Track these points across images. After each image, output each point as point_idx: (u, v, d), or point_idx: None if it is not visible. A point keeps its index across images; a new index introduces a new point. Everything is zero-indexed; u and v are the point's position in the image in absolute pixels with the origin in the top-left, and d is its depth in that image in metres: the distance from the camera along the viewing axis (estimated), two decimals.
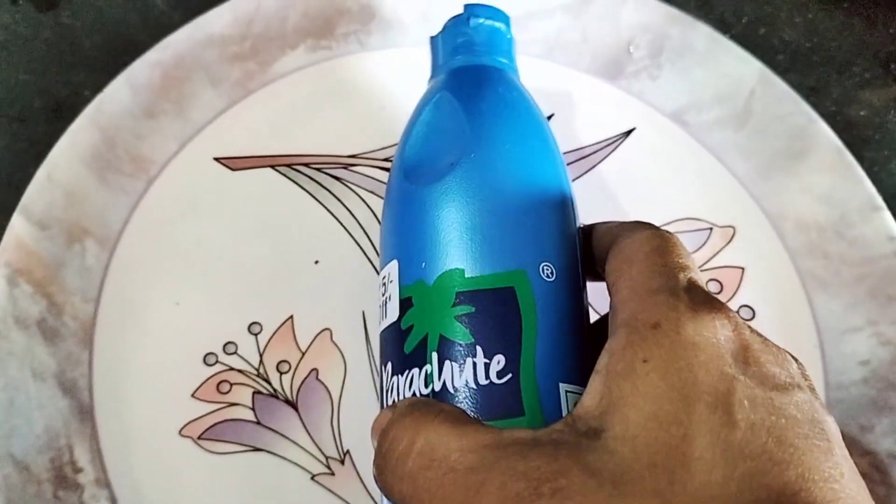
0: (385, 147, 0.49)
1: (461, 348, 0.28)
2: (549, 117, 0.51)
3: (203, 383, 0.42)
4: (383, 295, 0.31)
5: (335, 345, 0.44)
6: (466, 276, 0.29)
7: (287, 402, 0.42)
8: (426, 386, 0.28)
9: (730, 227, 0.49)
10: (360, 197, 0.47)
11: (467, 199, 0.30)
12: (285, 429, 0.42)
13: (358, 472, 0.41)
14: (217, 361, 0.43)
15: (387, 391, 0.30)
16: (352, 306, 0.45)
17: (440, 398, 0.27)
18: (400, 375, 0.29)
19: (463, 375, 0.27)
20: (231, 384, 0.42)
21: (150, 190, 0.47)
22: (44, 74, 0.52)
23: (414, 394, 0.28)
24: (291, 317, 0.44)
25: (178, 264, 0.45)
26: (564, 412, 0.27)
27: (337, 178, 0.48)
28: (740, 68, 0.51)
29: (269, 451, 0.41)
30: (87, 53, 0.52)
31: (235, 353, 0.43)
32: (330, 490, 0.41)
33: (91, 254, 0.44)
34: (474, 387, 0.27)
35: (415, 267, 0.30)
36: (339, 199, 0.47)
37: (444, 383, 0.27)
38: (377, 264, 0.46)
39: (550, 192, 0.31)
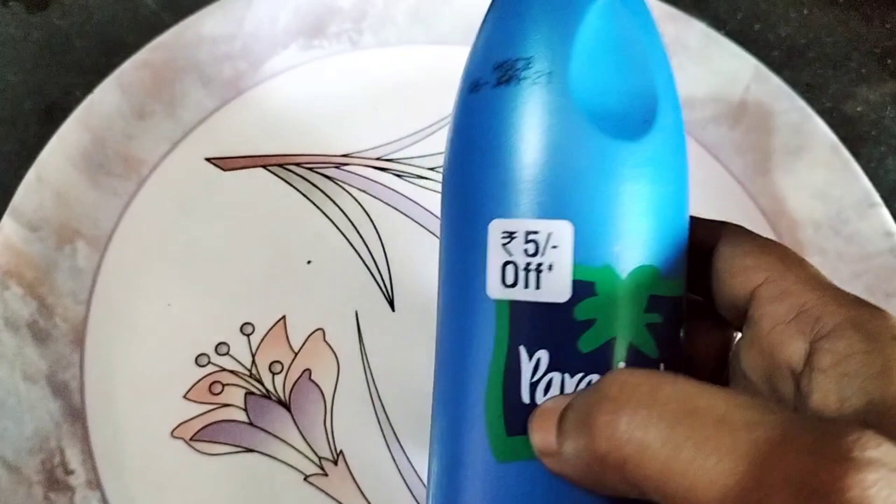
0: (377, 146, 0.49)
1: (648, 362, 0.24)
2: None
3: (195, 384, 0.42)
4: (528, 255, 0.24)
5: (328, 345, 0.43)
6: (660, 277, 0.24)
7: (280, 402, 0.42)
8: None
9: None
10: (352, 196, 0.47)
11: (673, 178, 0.25)
12: (278, 429, 0.41)
13: (351, 473, 0.41)
14: (209, 362, 0.43)
15: (533, 384, 0.24)
16: (344, 306, 0.44)
17: None
18: (567, 374, 0.23)
19: None
20: (223, 385, 0.42)
21: (141, 191, 0.46)
22: (34, 76, 0.51)
23: None
24: (284, 317, 0.44)
25: (169, 265, 0.45)
26: None
27: (329, 178, 0.48)
28: (735, 65, 0.51)
29: (261, 452, 0.41)
30: (77, 55, 0.52)
31: (227, 353, 0.43)
32: (323, 491, 0.40)
33: (82, 255, 0.44)
34: None
35: (603, 246, 0.23)
36: (331, 199, 0.47)
37: None
38: (370, 264, 0.45)
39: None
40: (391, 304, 0.45)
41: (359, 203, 0.47)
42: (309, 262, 0.45)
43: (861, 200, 0.47)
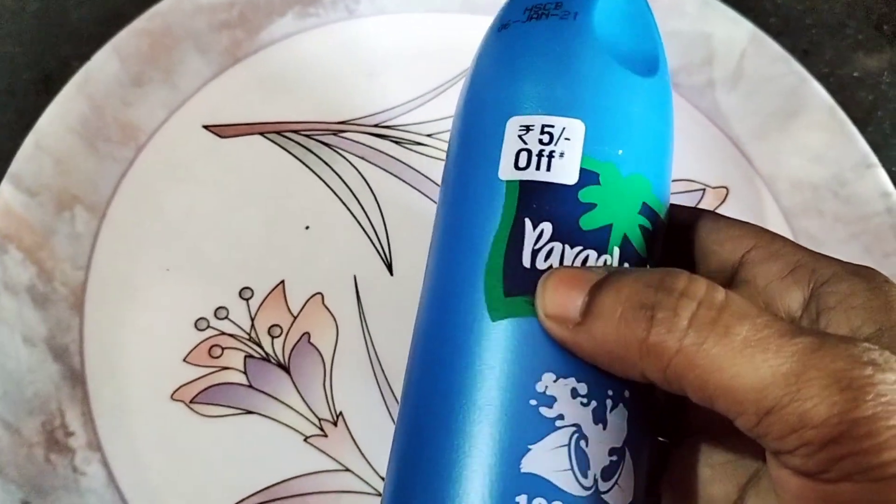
0: (375, 113, 0.49)
1: (638, 259, 0.26)
2: None
3: (194, 348, 0.42)
4: (542, 143, 0.26)
5: (327, 309, 0.44)
6: (652, 192, 0.27)
7: (279, 365, 0.42)
8: None
9: (723, 187, 0.48)
10: (350, 163, 0.47)
11: (665, 124, 0.28)
12: (277, 392, 0.41)
13: (351, 434, 0.41)
14: (208, 326, 0.43)
15: (535, 251, 0.25)
16: (343, 271, 0.44)
17: None
18: (567, 245, 0.25)
19: None
20: (223, 348, 0.42)
21: (140, 157, 0.46)
22: (32, 47, 0.51)
23: None
24: (283, 282, 0.44)
25: (168, 231, 0.45)
26: None
27: (327, 145, 0.48)
28: (731, 29, 0.51)
29: (261, 414, 0.41)
30: (75, 25, 0.52)
31: (227, 317, 0.43)
32: (323, 451, 0.40)
33: (81, 221, 0.44)
34: None
35: (608, 146, 0.26)
36: (329, 166, 0.47)
37: None
38: (368, 229, 0.46)
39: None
40: (389, 268, 0.45)
41: (357, 169, 0.47)
42: (307, 227, 0.45)
43: (859, 162, 0.47)
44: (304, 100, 0.49)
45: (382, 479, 0.40)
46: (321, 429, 0.41)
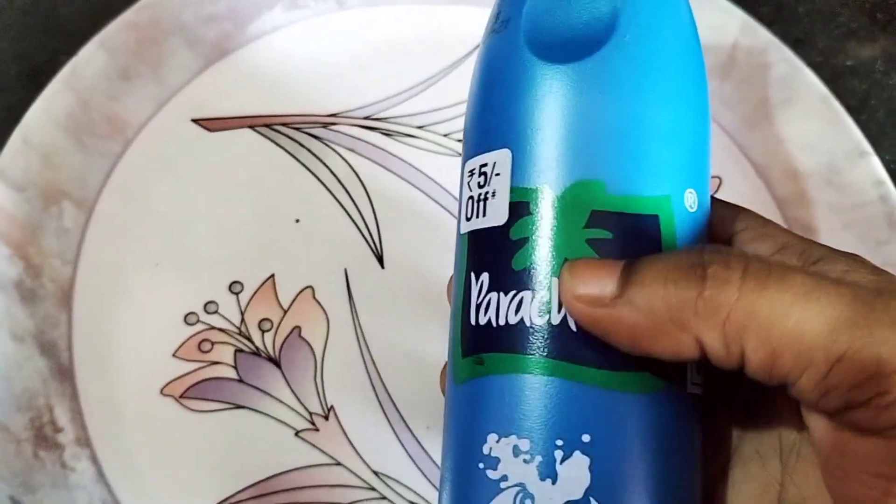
0: (365, 105, 0.48)
1: None
2: None
3: (184, 343, 0.42)
4: (480, 187, 0.25)
5: (317, 302, 0.43)
6: (607, 192, 0.24)
7: (270, 359, 0.42)
8: (540, 316, 0.23)
9: (716, 177, 0.48)
10: (340, 155, 0.47)
11: (622, 90, 0.24)
12: (268, 386, 0.41)
13: (342, 427, 0.41)
14: (198, 321, 0.42)
15: (478, 307, 0.25)
16: (333, 264, 0.44)
17: (556, 335, 0.23)
18: (502, 293, 0.24)
19: None
20: (212, 343, 0.42)
21: (128, 152, 0.46)
22: (20, 41, 0.51)
23: (521, 321, 0.24)
24: (273, 275, 0.44)
25: (156, 225, 0.45)
26: (690, 372, 0.25)
27: (316, 138, 0.47)
28: (723, 18, 0.50)
29: (252, 409, 0.41)
30: (62, 20, 0.52)
31: (216, 312, 0.43)
32: (314, 445, 0.40)
33: (68, 216, 0.44)
34: None
35: (538, 166, 0.24)
36: (318, 158, 0.47)
37: (565, 318, 0.23)
38: (358, 222, 0.45)
39: (699, 103, 0.26)
40: (380, 261, 0.44)
41: (347, 162, 0.47)
42: (297, 220, 0.45)
43: (852, 150, 0.46)
44: (294, 93, 0.48)
45: (374, 472, 0.40)
46: (312, 423, 0.41)
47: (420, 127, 0.48)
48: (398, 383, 0.42)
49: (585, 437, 0.23)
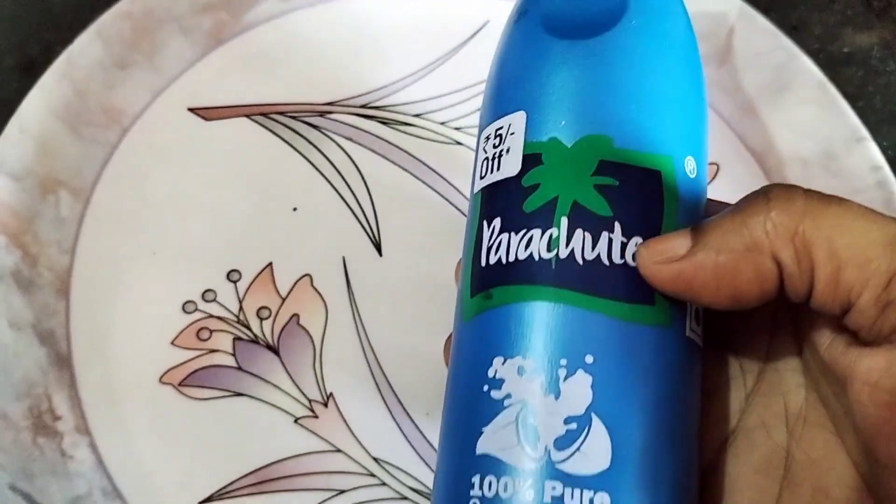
0: (361, 94, 0.48)
1: (597, 220, 0.25)
2: None
3: (182, 331, 0.42)
4: (495, 147, 0.28)
5: (316, 290, 0.43)
6: (615, 146, 0.26)
7: (268, 347, 0.42)
8: (549, 250, 0.25)
9: (713, 164, 0.48)
10: (337, 144, 0.47)
11: (628, 63, 0.27)
12: (267, 373, 0.41)
13: (342, 414, 0.40)
14: (196, 309, 0.42)
15: (488, 249, 0.27)
16: (331, 252, 0.44)
17: (563, 267, 0.25)
18: (512, 233, 0.26)
19: (596, 249, 0.25)
20: (211, 331, 0.42)
21: (124, 141, 0.46)
22: (14, 33, 0.51)
23: (531, 255, 0.25)
24: (270, 264, 0.44)
25: (154, 214, 0.44)
26: (690, 311, 0.26)
27: (313, 126, 0.47)
28: (720, 6, 0.50)
29: (251, 396, 0.41)
30: (57, 10, 0.52)
31: (214, 300, 0.43)
32: (314, 432, 0.40)
33: (65, 205, 0.44)
34: (606, 263, 0.25)
35: (550, 123, 0.27)
36: (315, 147, 0.47)
37: (572, 252, 0.25)
38: (356, 210, 0.45)
39: (695, 84, 0.29)
40: (378, 248, 0.44)
41: (344, 151, 0.47)
42: (295, 209, 0.45)
43: (849, 136, 0.46)
44: (290, 81, 0.48)
45: (374, 459, 0.40)
46: (312, 410, 0.41)
47: (417, 115, 0.48)
48: (397, 370, 0.41)
49: (589, 358, 0.24)
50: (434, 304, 0.43)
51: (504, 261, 0.26)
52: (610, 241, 0.25)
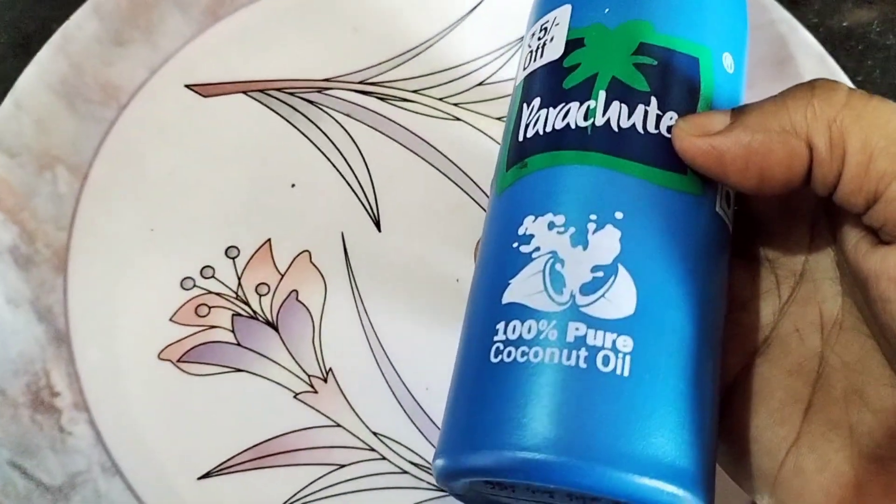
0: (359, 70, 0.48)
1: (634, 94, 0.26)
2: None
3: (181, 307, 0.42)
4: (539, 39, 0.29)
5: (315, 266, 0.43)
6: (655, 30, 0.27)
7: (267, 323, 0.42)
8: (585, 119, 0.26)
9: None
10: (335, 120, 0.47)
11: None
12: (266, 349, 0.41)
13: (341, 389, 0.40)
14: (195, 285, 0.42)
15: (526, 125, 0.28)
16: (330, 228, 0.44)
17: (598, 133, 0.26)
18: (551, 108, 0.27)
19: (632, 118, 0.26)
20: (209, 307, 0.42)
21: (121, 117, 0.46)
22: (10, 9, 0.51)
23: (567, 125, 0.26)
24: (269, 240, 0.43)
25: (151, 191, 0.44)
26: (721, 188, 0.27)
27: (311, 102, 0.47)
28: None
29: (250, 372, 0.41)
30: None
31: (213, 276, 0.42)
32: (313, 407, 0.40)
33: (62, 181, 0.43)
34: (641, 132, 0.26)
35: (594, 11, 0.28)
36: (314, 123, 0.46)
37: (608, 121, 0.26)
38: (355, 186, 0.45)
39: None
40: (377, 224, 0.44)
41: (342, 126, 0.46)
42: (293, 185, 0.45)
43: None
44: (288, 57, 0.48)
45: (374, 433, 0.40)
46: (311, 385, 0.40)
47: (415, 91, 0.48)
48: (396, 345, 0.41)
49: (618, 214, 0.25)
50: (433, 280, 0.43)
51: (541, 132, 0.27)
52: (646, 112, 0.26)
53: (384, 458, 0.39)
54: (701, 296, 0.25)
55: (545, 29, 0.29)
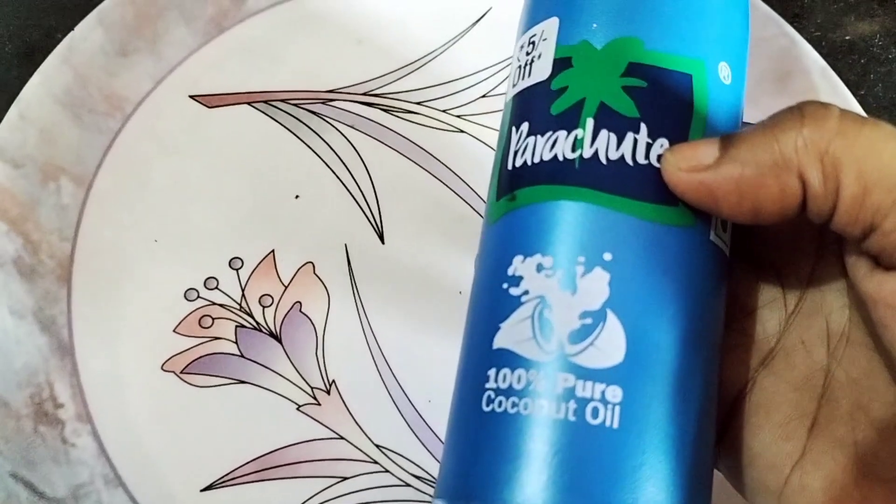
0: (364, 81, 0.48)
1: (623, 121, 0.25)
2: None
3: (184, 318, 0.42)
4: (527, 54, 0.28)
5: (318, 278, 0.43)
6: (645, 48, 0.26)
7: (271, 334, 0.42)
8: (573, 150, 0.25)
9: None
10: (339, 132, 0.47)
11: None
12: (269, 361, 0.41)
13: (344, 402, 0.40)
14: (198, 297, 0.42)
15: (515, 153, 0.27)
16: (333, 239, 0.44)
17: (586, 166, 0.25)
18: (539, 136, 0.26)
19: (620, 149, 0.25)
20: (213, 319, 0.42)
21: (126, 128, 0.46)
22: (15, 18, 0.51)
23: (555, 156, 0.25)
24: (273, 251, 0.43)
25: (155, 202, 0.44)
26: (715, 216, 0.26)
27: (315, 114, 0.47)
28: None
29: (253, 384, 0.41)
30: None
31: (217, 288, 0.42)
32: (316, 420, 0.40)
33: (66, 192, 0.43)
34: (630, 163, 0.25)
35: (581, 27, 0.26)
36: (318, 135, 0.47)
37: (596, 152, 0.25)
38: (358, 198, 0.45)
39: None
40: (381, 237, 0.44)
41: (346, 138, 0.47)
42: (297, 197, 0.45)
43: None
44: (292, 69, 0.48)
45: (376, 446, 0.40)
46: (314, 397, 0.40)
47: (419, 103, 0.48)
48: (399, 357, 0.41)
49: (607, 256, 0.24)
50: (436, 292, 0.43)
51: (529, 162, 0.26)
52: (635, 141, 0.25)
53: (387, 471, 0.39)
54: (693, 333, 0.25)
55: (532, 43, 0.28)
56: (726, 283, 0.27)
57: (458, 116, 0.47)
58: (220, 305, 0.42)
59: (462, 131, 0.47)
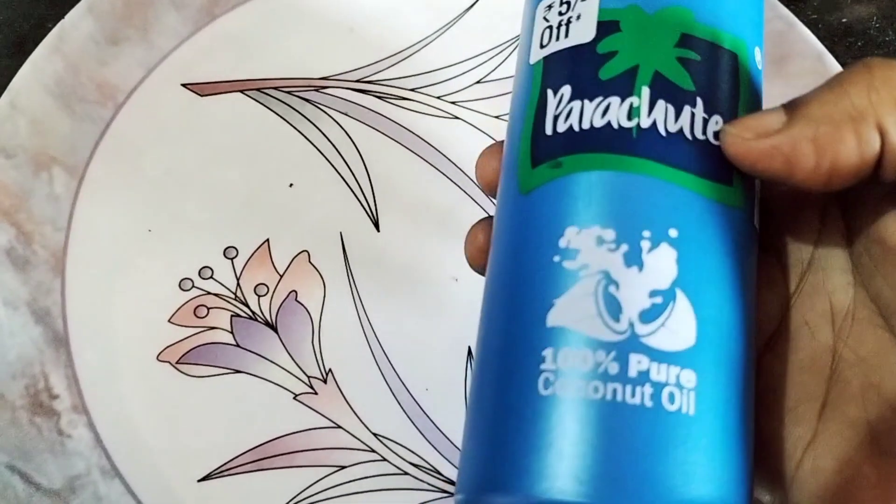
0: (357, 68, 0.48)
1: (680, 93, 0.24)
2: None
3: (179, 308, 0.42)
4: (560, 15, 0.26)
5: (313, 266, 0.43)
6: (696, 20, 0.25)
7: (266, 324, 0.41)
8: (629, 119, 0.24)
9: None
10: (333, 119, 0.46)
11: None
12: (265, 350, 0.41)
13: (341, 390, 0.40)
14: (193, 286, 0.42)
15: (556, 117, 0.25)
16: (329, 228, 0.44)
17: (645, 136, 0.24)
18: (586, 100, 0.25)
19: (679, 122, 0.24)
20: (208, 308, 0.42)
21: (118, 117, 0.45)
22: (5, 9, 0.50)
23: (608, 123, 0.24)
24: (267, 240, 0.43)
25: (148, 191, 0.44)
26: (757, 199, 0.25)
27: (308, 101, 0.47)
28: None
29: (249, 373, 0.40)
30: None
31: (211, 277, 0.42)
32: (313, 409, 0.40)
33: (59, 182, 0.43)
34: (689, 137, 0.24)
35: None
36: (311, 122, 0.46)
37: (654, 122, 0.24)
38: (353, 186, 0.45)
39: None
40: (376, 224, 0.44)
41: (340, 125, 0.46)
42: (291, 185, 0.45)
43: None
44: (285, 56, 0.48)
45: (374, 434, 0.39)
46: (311, 386, 0.40)
47: (413, 89, 0.47)
48: (396, 345, 0.41)
49: (673, 232, 0.23)
50: (432, 279, 0.42)
51: (577, 128, 0.24)
52: (692, 115, 0.24)
53: (384, 460, 0.39)
54: (750, 317, 0.24)
55: (567, 4, 0.26)
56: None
57: (453, 103, 0.47)
58: (215, 295, 0.42)
59: (456, 118, 0.47)
